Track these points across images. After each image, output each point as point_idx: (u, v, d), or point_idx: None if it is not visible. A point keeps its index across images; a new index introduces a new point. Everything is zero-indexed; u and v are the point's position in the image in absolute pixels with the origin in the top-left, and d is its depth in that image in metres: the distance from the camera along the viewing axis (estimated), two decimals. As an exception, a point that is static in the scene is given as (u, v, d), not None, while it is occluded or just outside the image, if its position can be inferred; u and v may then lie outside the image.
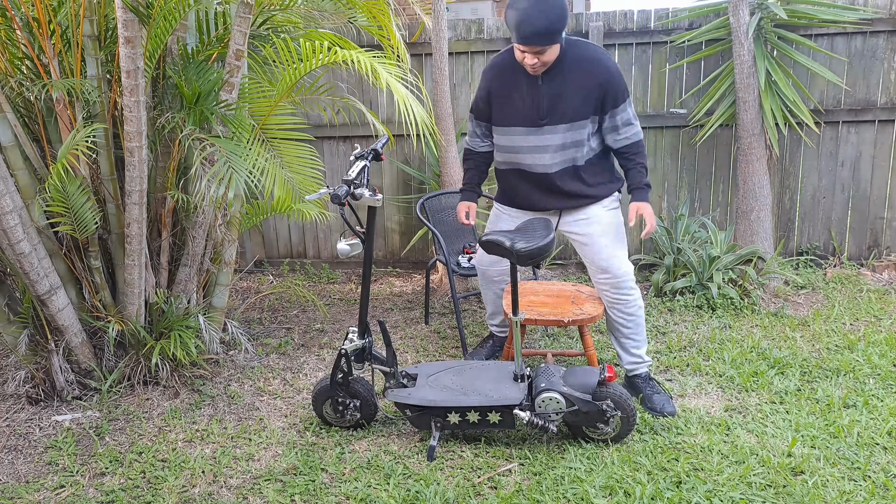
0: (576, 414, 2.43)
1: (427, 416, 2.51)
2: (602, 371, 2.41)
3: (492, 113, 2.74)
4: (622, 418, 2.45)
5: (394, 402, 2.53)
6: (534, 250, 2.37)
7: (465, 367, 2.66)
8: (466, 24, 4.54)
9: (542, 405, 2.41)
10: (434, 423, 2.51)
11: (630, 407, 2.43)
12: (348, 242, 2.46)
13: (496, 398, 2.44)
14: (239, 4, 2.78)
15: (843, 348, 3.30)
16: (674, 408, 2.69)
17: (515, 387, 2.49)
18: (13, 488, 2.40)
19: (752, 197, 4.06)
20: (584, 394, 2.40)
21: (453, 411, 2.47)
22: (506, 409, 2.44)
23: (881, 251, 4.44)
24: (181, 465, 2.50)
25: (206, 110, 2.78)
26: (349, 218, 2.38)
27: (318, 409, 2.70)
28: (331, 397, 2.64)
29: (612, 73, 2.57)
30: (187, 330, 3.03)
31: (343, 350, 2.55)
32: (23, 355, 2.96)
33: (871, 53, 4.21)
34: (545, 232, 2.45)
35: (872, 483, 2.25)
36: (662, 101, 4.46)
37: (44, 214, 2.82)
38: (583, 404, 2.39)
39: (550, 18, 2.35)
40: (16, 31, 2.83)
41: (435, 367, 2.68)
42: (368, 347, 2.59)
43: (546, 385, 2.41)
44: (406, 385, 2.61)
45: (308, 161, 3.16)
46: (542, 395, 2.41)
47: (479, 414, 2.46)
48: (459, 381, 2.56)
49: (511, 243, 2.37)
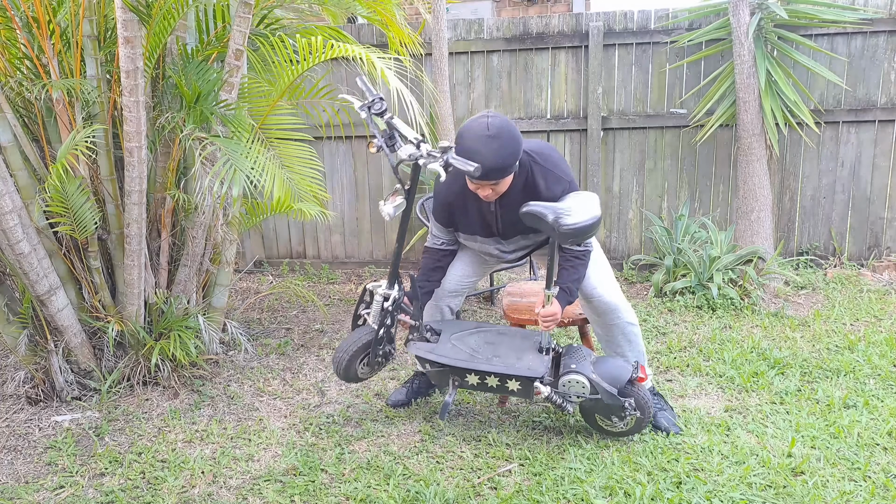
0: (596, 402, 2.40)
1: (446, 373, 2.46)
2: (635, 370, 2.37)
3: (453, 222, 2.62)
4: (638, 419, 2.43)
5: (416, 354, 2.49)
6: (577, 229, 2.22)
7: (490, 329, 2.61)
8: (466, 23, 4.53)
9: (567, 385, 2.37)
10: (452, 381, 2.47)
11: (648, 412, 2.42)
12: (393, 205, 2.35)
13: (519, 368, 2.38)
14: (239, 4, 2.78)
15: (843, 349, 3.30)
16: (679, 427, 2.61)
17: (540, 359, 2.42)
18: (13, 489, 2.40)
19: (752, 197, 4.06)
20: (611, 386, 2.35)
21: (473, 373, 2.42)
22: (527, 381, 2.38)
23: (881, 251, 4.44)
24: (181, 466, 2.50)
25: (205, 110, 2.78)
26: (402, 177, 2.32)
27: (350, 371, 2.60)
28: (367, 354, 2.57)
29: (558, 197, 2.41)
30: (187, 330, 3.02)
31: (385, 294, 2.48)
32: (22, 356, 2.96)
33: (872, 53, 4.21)
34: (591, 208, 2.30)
35: (872, 483, 2.25)
36: (662, 101, 4.46)
37: (43, 215, 2.81)
38: (607, 396, 2.35)
39: (503, 156, 2.24)
40: (15, 30, 2.82)
41: (460, 326, 2.62)
42: (399, 297, 2.52)
43: (576, 367, 2.36)
44: (429, 340, 2.56)
45: (307, 161, 3.16)
46: (569, 375, 2.36)
47: (499, 380, 2.41)
48: (483, 345, 2.50)
49: (554, 217, 2.22)
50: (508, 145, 2.24)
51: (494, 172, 2.26)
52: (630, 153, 4.55)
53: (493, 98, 4.58)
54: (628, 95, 4.49)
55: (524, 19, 4.49)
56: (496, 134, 2.23)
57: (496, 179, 2.30)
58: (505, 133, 2.24)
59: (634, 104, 4.49)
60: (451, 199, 2.55)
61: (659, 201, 4.60)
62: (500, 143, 2.23)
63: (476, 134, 2.23)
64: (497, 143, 2.23)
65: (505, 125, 2.26)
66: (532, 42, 4.47)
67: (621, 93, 4.49)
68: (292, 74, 2.94)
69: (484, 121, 2.25)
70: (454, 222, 2.60)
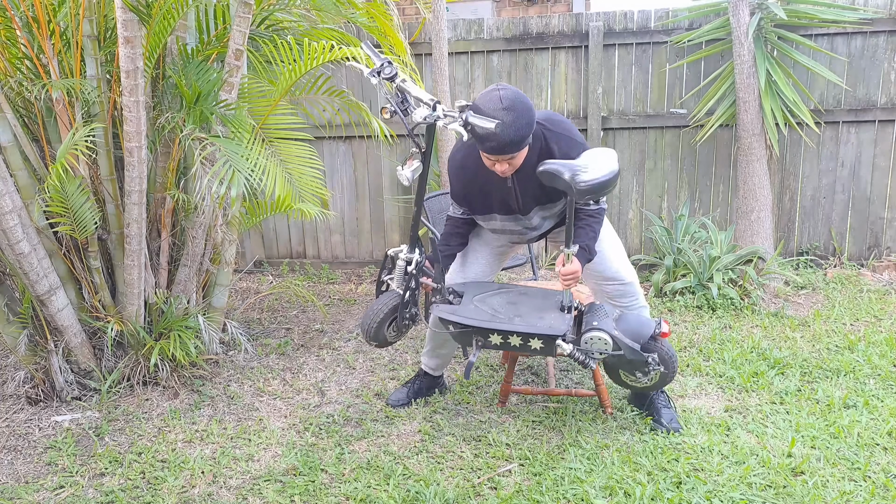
0: (619, 358, 2.38)
1: (469, 334, 2.45)
2: (658, 325, 2.36)
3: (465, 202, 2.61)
4: (662, 374, 2.42)
5: (438, 316, 2.48)
6: (595, 184, 2.20)
7: (512, 290, 2.61)
8: (466, 23, 4.53)
9: (589, 342, 2.36)
10: (475, 341, 2.46)
11: (673, 367, 2.40)
12: (411, 169, 2.32)
13: (541, 326, 2.36)
14: (239, 4, 2.78)
15: (843, 349, 3.30)
16: (679, 426, 2.62)
17: (562, 317, 2.40)
18: (13, 489, 2.40)
19: (752, 197, 4.06)
20: (633, 342, 2.34)
21: (496, 333, 2.41)
22: (549, 339, 2.37)
23: (881, 251, 4.44)
24: (181, 466, 2.50)
25: (205, 110, 2.78)
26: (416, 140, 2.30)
27: (380, 335, 2.60)
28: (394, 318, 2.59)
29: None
30: (187, 330, 3.02)
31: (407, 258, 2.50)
32: (22, 356, 2.96)
33: (871, 53, 4.21)
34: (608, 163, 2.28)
35: (872, 483, 2.25)
36: (662, 101, 4.46)
37: (43, 215, 2.81)
38: (629, 352, 2.34)
39: (519, 128, 2.20)
40: (15, 30, 2.82)
41: (482, 287, 2.61)
42: (420, 260, 2.52)
43: (598, 324, 2.36)
44: (452, 302, 2.56)
45: (307, 161, 3.16)
46: (591, 332, 2.35)
47: (522, 339, 2.39)
48: (506, 305, 2.49)
49: (571, 174, 2.19)
50: (523, 116, 2.20)
51: (511, 146, 2.22)
52: (630, 153, 4.55)
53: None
54: (628, 95, 4.49)
55: (524, 19, 4.50)
56: (510, 106, 2.18)
57: (513, 153, 2.26)
58: (519, 104, 2.20)
59: (634, 104, 4.49)
60: (465, 182, 2.53)
61: (659, 201, 4.60)
62: (515, 114, 2.18)
63: (490, 108, 2.18)
64: (512, 116, 2.18)
65: (518, 96, 2.22)
66: (532, 42, 4.48)
67: (621, 93, 4.49)
68: (294, 75, 2.94)
69: (496, 94, 2.21)
70: (470, 204, 2.58)
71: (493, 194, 2.49)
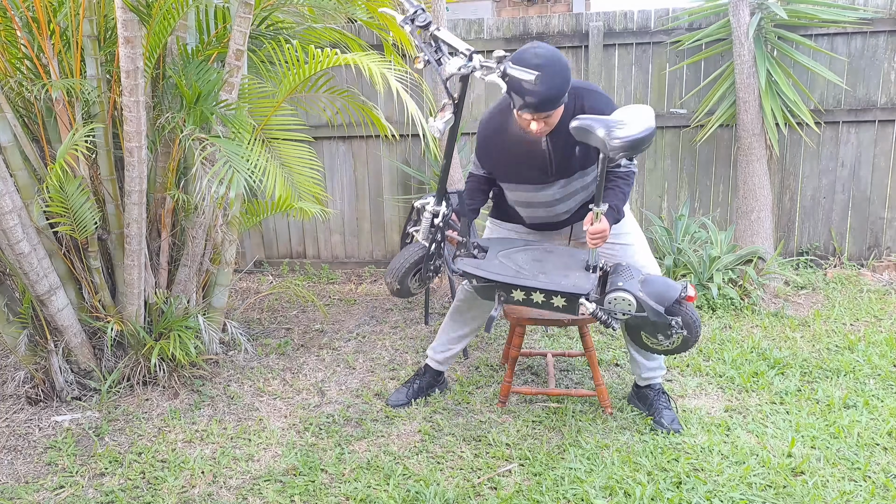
0: (642, 320, 2.36)
1: (492, 288, 2.45)
2: (684, 290, 2.34)
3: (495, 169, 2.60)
4: (684, 338, 2.39)
5: (462, 269, 2.48)
6: (630, 142, 2.15)
7: (538, 248, 2.59)
8: (466, 23, 4.53)
9: (613, 303, 2.34)
10: (498, 296, 2.46)
11: (696, 332, 2.37)
12: (443, 120, 2.25)
13: (565, 284, 2.35)
14: (239, 4, 2.78)
15: (843, 349, 3.30)
16: (680, 427, 2.62)
17: (586, 276, 2.39)
18: (13, 489, 2.40)
19: (752, 197, 4.06)
20: (658, 304, 2.31)
21: (519, 289, 2.40)
22: (572, 297, 2.36)
23: (881, 251, 4.44)
24: (181, 466, 2.50)
25: (206, 110, 2.78)
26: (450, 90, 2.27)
27: (403, 285, 2.58)
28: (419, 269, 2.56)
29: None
30: (187, 330, 3.02)
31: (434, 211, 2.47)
32: (22, 356, 2.96)
33: (872, 53, 4.21)
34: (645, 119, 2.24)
35: (872, 483, 2.25)
36: (663, 101, 4.46)
37: (43, 215, 2.81)
38: (654, 314, 2.31)
39: (556, 85, 2.18)
40: (15, 30, 2.82)
41: (507, 244, 2.60)
42: (447, 213, 2.48)
43: (623, 284, 2.33)
44: (476, 257, 2.55)
45: (307, 161, 3.16)
46: (616, 293, 2.33)
47: (545, 296, 2.38)
48: (531, 262, 2.48)
49: (606, 131, 2.16)
50: (560, 73, 2.18)
51: (547, 103, 2.21)
52: (630, 153, 4.55)
53: (493, 97, 4.57)
54: (628, 95, 4.49)
55: (524, 19, 4.49)
56: (546, 63, 2.15)
57: (550, 110, 2.25)
58: (556, 61, 2.18)
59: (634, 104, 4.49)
60: (497, 148, 2.51)
61: (659, 201, 4.60)
62: (552, 71, 2.15)
63: (526, 65, 2.14)
64: (549, 72, 2.15)
65: (554, 53, 2.20)
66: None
67: (621, 93, 4.49)
68: (296, 79, 2.94)
69: (532, 51, 2.18)
70: (499, 170, 2.57)
71: (525, 162, 2.47)
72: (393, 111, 4.53)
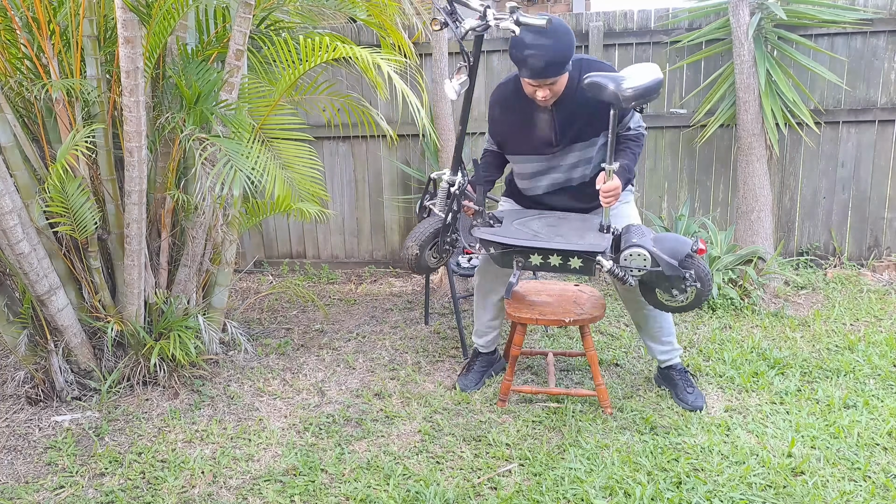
0: (657, 276, 2.46)
1: (510, 254, 2.56)
2: (695, 243, 2.43)
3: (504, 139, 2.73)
4: (698, 291, 2.48)
5: (480, 238, 2.59)
6: (640, 90, 2.29)
7: (551, 215, 2.71)
8: (466, 24, 4.53)
9: (629, 259, 2.44)
10: (516, 262, 2.57)
11: (709, 284, 2.47)
12: (459, 82, 2.39)
13: (581, 244, 2.47)
14: (239, 4, 2.78)
15: (843, 349, 3.30)
16: (703, 401, 2.77)
17: (601, 236, 2.51)
18: (13, 489, 2.40)
19: (752, 197, 4.06)
20: (671, 258, 2.41)
21: (536, 253, 2.52)
22: (589, 257, 2.47)
23: (881, 251, 4.44)
24: (181, 466, 2.50)
25: (206, 110, 2.78)
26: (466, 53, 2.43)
27: (421, 261, 2.73)
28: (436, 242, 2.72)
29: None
30: (187, 330, 3.02)
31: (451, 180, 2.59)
32: (22, 356, 2.96)
33: (872, 53, 4.21)
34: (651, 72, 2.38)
35: (872, 483, 2.25)
36: (663, 101, 4.46)
37: (43, 215, 2.81)
38: (668, 267, 2.41)
39: (560, 50, 2.34)
40: (15, 30, 2.83)
41: (521, 213, 2.73)
42: (463, 183, 2.60)
43: (637, 241, 2.44)
44: (493, 226, 2.64)
45: (307, 161, 3.16)
46: (631, 248, 2.43)
47: (562, 258, 2.50)
48: (546, 227, 2.60)
49: (616, 84, 2.29)
50: (564, 39, 2.35)
51: (553, 67, 2.36)
52: (630, 153, 4.55)
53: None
54: (628, 95, 4.48)
55: (524, 19, 4.49)
56: (551, 29, 2.30)
57: (555, 75, 2.39)
58: (560, 27, 2.34)
59: (634, 104, 4.49)
60: (506, 115, 2.64)
61: (659, 201, 4.60)
62: (556, 36, 2.32)
63: (533, 34, 2.31)
64: (553, 38, 2.32)
65: (560, 21, 2.37)
66: (532, 42, 4.47)
67: (621, 93, 4.48)
68: (294, 74, 2.94)
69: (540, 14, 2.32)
70: (507, 139, 2.71)
71: (532, 131, 2.60)
72: (393, 112, 4.53)
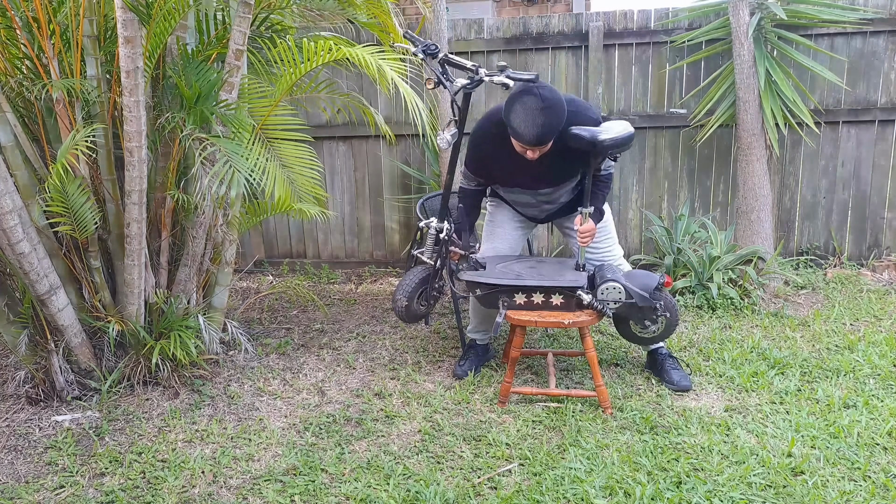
0: (630, 307, 2.72)
1: (495, 295, 2.78)
2: (661, 277, 2.72)
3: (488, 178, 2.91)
4: (668, 321, 2.79)
5: (466, 280, 2.80)
6: (615, 140, 2.54)
7: (530, 259, 2.98)
8: (466, 23, 4.53)
9: (605, 292, 2.69)
10: (501, 301, 2.78)
11: (676, 314, 2.79)
12: (450, 133, 2.64)
13: (561, 281, 2.72)
14: (239, 4, 2.78)
15: (843, 348, 3.30)
16: (690, 382, 2.91)
17: (578, 274, 2.77)
18: (13, 488, 2.40)
19: (752, 197, 4.06)
20: (642, 291, 2.69)
21: (521, 291, 2.74)
22: (569, 292, 2.71)
23: (881, 251, 4.44)
24: (181, 466, 2.50)
25: (206, 110, 2.78)
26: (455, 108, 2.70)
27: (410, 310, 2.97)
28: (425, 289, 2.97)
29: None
30: (187, 330, 3.02)
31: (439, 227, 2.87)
32: (22, 355, 2.96)
33: (871, 53, 4.21)
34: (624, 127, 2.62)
35: (872, 483, 2.25)
36: (663, 101, 4.46)
37: (43, 214, 2.81)
38: (640, 299, 2.69)
39: (556, 125, 2.48)
40: (16, 30, 2.83)
41: (503, 258, 2.97)
42: (451, 228, 2.85)
43: (611, 276, 2.70)
44: (477, 269, 2.84)
45: (307, 161, 3.16)
46: (606, 283, 2.69)
47: (544, 295, 2.74)
48: (527, 269, 2.84)
49: (592, 136, 2.54)
50: (560, 113, 2.48)
51: (548, 137, 2.51)
52: (630, 153, 4.55)
53: (493, 98, 4.58)
54: (628, 95, 4.49)
55: (524, 19, 4.50)
56: (549, 105, 2.44)
57: (548, 143, 2.56)
58: (556, 102, 2.47)
59: (634, 104, 4.49)
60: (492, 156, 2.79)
61: (659, 201, 4.60)
62: (553, 112, 2.46)
63: (529, 107, 2.45)
64: (551, 114, 2.45)
65: (554, 94, 2.48)
66: (532, 42, 4.47)
67: (621, 93, 4.49)
68: (295, 75, 2.94)
69: (536, 92, 2.45)
70: (492, 177, 2.90)
71: (518, 172, 2.78)
72: (394, 112, 4.53)
